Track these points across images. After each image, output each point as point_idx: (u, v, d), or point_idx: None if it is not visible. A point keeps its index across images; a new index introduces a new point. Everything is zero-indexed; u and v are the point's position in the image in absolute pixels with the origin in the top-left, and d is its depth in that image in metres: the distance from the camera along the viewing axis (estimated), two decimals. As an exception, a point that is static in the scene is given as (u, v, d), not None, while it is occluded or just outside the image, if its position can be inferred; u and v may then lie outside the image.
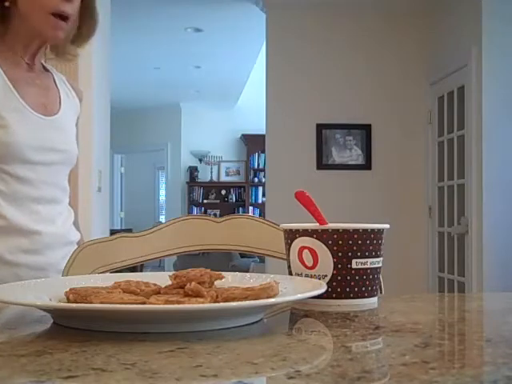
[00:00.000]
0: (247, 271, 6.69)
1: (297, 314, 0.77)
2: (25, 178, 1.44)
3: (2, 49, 1.49)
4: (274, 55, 4.87)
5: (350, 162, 4.87)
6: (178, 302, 0.65)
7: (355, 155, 4.87)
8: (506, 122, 3.91)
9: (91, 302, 0.65)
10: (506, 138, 3.91)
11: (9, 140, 1.41)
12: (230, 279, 0.81)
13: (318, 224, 0.84)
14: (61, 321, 0.67)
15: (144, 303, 0.66)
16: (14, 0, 1.45)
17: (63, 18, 1.46)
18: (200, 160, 10.61)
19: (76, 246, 1.40)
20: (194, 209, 10.44)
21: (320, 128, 4.84)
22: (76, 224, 1.62)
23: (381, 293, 1.00)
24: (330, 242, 0.81)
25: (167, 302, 0.65)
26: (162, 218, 11.68)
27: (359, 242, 0.81)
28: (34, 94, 1.51)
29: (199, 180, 10.59)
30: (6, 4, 1.46)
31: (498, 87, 3.91)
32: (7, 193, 1.41)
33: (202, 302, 0.65)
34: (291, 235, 0.84)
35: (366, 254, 0.81)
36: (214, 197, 10.61)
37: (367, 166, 4.85)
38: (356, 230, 0.81)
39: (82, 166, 2.67)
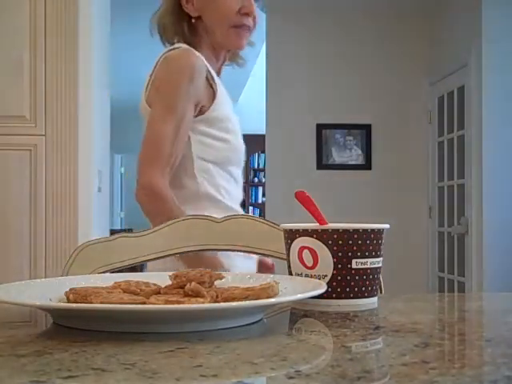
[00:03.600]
0: (247, 271, 6.68)
1: (297, 314, 0.77)
2: (238, 180, 1.61)
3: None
4: (274, 55, 4.87)
5: (349, 162, 4.87)
6: (178, 302, 0.65)
7: (355, 155, 4.87)
8: (506, 122, 3.91)
9: (91, 302, 0.65)
10: (506, 138, 3.91)
11: (238, 145, 1.58)
12: (230, 279, 0.81)
13: (318, 224, 0.84)
14: (61, 321, 0.67)
15: (144, 303, 0.66)
16: (200, 16, 1.58)
17: (245, 28, 1.59)
18: (200, 160, 10.61)
19: None
20: (194, 209, 10.43)
21: (320, 128, 4.84)
22: None
23: (381, 293, 1.00)
24: (330, 242, 0.81)
25: (167, 301, 0.65)
26: (162, 218, 11.67)
27: (359, 241, 0.81)
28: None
29: (199, 180, 10.58)
30: (193, 20, 1.60)
31: (497, 87, 3.91)
32: (233, 194, 1.56)
33: (202, 302, 0.65)
34: (291, 235, 0.84)
35: (366, 254, 0.81)
36: (214, 197, 10.60)
37: (367, 166, 4.85)
38: (356, 230, 0.81)
39: (82, 166, 2.67)
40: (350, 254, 0.81)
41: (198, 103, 1.52)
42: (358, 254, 0.81)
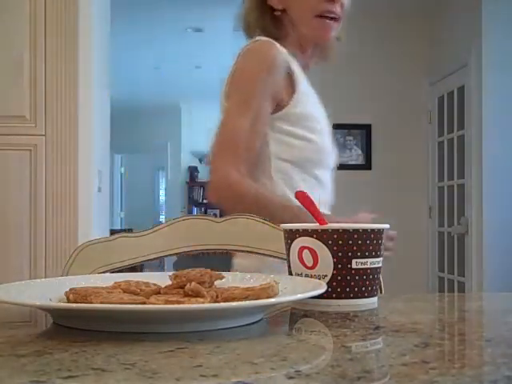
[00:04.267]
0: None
1: (297, 314, 0.77)
2: (323, 183, 1.49)
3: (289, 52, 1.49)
4: (274, 55, 4.86)
5: (350, 162, 4.87)
6: (178, 302, 0.65)
7: (355, 155, 4.87)
8: (506, 122, 3.91)
9: (91, 302, 0.65)
10: (506, 138, 3.91)
11: (322, 145, 1.47)
12: (230, 279, 0.81)
13: (318, 224, 0.84)
14: (61, 321, 0.67)
15: (144, 303, 0.66)
16: (284, 9, 1.49)
17: (332, 18, 1.49)
18: (200, 160, 10.61)
19: None
20: (194, 209, 10.44)
21: (320, 128, 4.84)
22: None
23: (381, 293, 1.00)
24: (330, 242, 0.81)
25: (167, 301, 0.65)
26: (162, 218, 11.68)
27: (359, 241, 0.81)
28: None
29: (199, 180, 10.58)
30: (277, 13, 1.51)
31: (497, 87, 3.91)
32: (314, 197, 1.44)
33: (202, 302, 0.65)
34: (291, 235, 0.84)
35: (366, 254, 0.81)
36: (214, 197, 10.60)
37: (367, 166, 4.85)
38: (356, 230, 0.81)
39: (82, 166, 2.67)
40: (350, 253, 0.81)
41: (277, 98, 1.44)
42: (358, 254, 0.81)
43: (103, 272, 1.13)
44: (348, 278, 0.81)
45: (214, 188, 1.38)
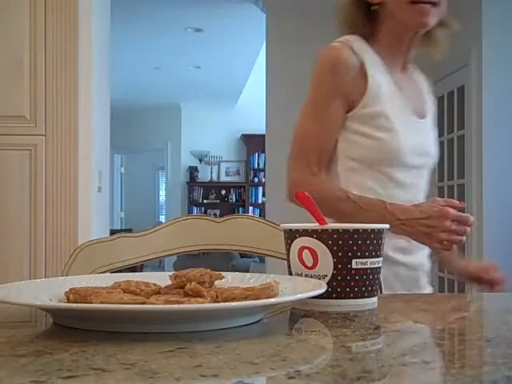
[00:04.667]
0: (247, 271, 6.69)
1: (297, 314, 0.77)
2: (401, 182, 1.46)
3: (378, 49, 1.50)
4: (273, 55, 4.87)
5: (349, 162, 4.86)
6: (178, 302, 0.65)
7: (355, 155, 4.86)
8: (506, 122, 3.91)
9: (91, 302, 0.65)
10: (506, 138, 3.91)
11: (393, 143, 1.43)
12: (230, 279, 0.81)
13: (318, 224, 0.84)
14: (61, 321, 0.67)
15: (144, 303, 0.66)
16: (381, 2, 1.47)
17: (429, 2, 1.41)
18: (200, 160, 10.61)
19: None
20: (194, 209, 10.44)
21: (320, 128, 4.84)
22: None
23: (381, 293, 1.00)
24: (330, 242, 0.81)
25: (167, 301, 0.65)
26: (162, 218, 11.68)
27: (359, 241, 0.81)
28: (410, 96, 1.52)
29: (199, 180, 10.59)
30: (374, 7, 1.49)
31: (497, 87, 3.91)
32: (384, 195, 1.42)
33: (202, 302, 0.65)
34: (291, 235, 0.84)
35: (366, 254, 0.81)
36: (214, 197, 10.61)
37: (367, 166, 4.85)
38: (356, 230, 0.81)
39: (82, 166, 2.67)
40: (350, 253, 0.81)
41: (349, 98, 1.44)
42: (358, 254, 0.81)
43: (103, 272, 1.13)
44: (348, 278, 0.81)
45: (288, 193, 1.46)
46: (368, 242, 0.81)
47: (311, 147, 1.45)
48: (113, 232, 1.71)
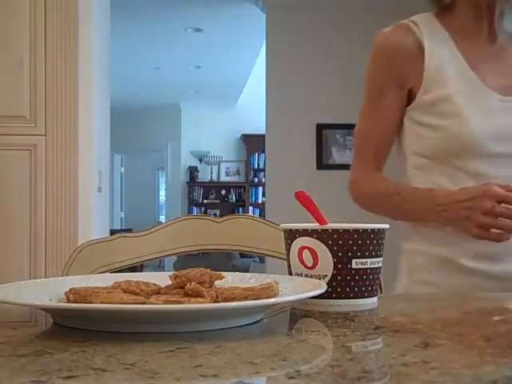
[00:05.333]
0: (247, 271, 6.70)
1: (297, 314, 0.77)
2: (481, 174, 1.22)
3: (454, 22, 1.33)
4: (273, 55, 4.87)
5: (350, 162, 4.86)
6: (178, 302, 0.65)
7: (355, 155, 4.87)
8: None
9: (91, 302, 0.65)
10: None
11: (461, 130, 1.22)
12: (230, 279, 0.81)
13: (318, 224, 0.84)
14: (61, 321, 0.67)
15: (144, 303, 0.66)
16: None
17: None
18: (200, 160, 10.62)
19: None
20: (194, 209, 10.44)
21: (320, 128, 4.84)
22: None
23: (381, 293, 1.00)
24: (330, 242, 0.81)
25: (167, 301, 0.65)
26: (162, 218, 11.69)
27: (359, 241, 0.81)
28: (494, 73, 1.29)
29: (199, 180, 10.59)
30: None
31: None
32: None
33: (202, 302, 0.65)
34: (291, 235, 0.84)
35: (366, 254, 0.81)
36: (214, 197, 10.62)
37: (367, 166, 4.85)
38: (356, 230, 0.81)
39: (82, 166, 2.67)
40: (350, 253, 0.81)
41: (405, 85, 1.30)
42: (358, 254, 0.81)
43: (103, 272, 1.13)
44: (348, 278, 0.81)
45: (350, 192, 1.42)
46: (368, 242, 0.81)
47: (367, 145, 1.38)
48: (113, 232, 1.71)
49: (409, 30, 1.34)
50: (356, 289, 0.81)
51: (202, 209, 10.48)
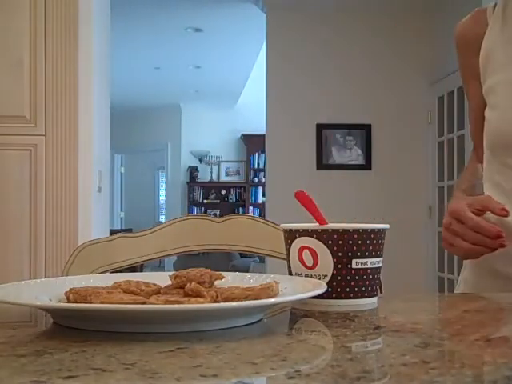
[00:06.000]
0: (247, 271, 6.70)
1: (297, 314, 0.77)
2: None
3: None
4: (274, 55, 4.87)
5: (349, 162, 4.87)
6: (178, 302, 0.65)
7: (355, 155, 4.87)
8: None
9: (91, 302, 0.65)
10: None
11: (500, 124, 1.12)
12: (230, 279, 0.81)
13: (317, 224, 0.84)
14: (61, 321, 0.67)
15: (144, 303, 0.66)
16: None
17: None
18: (200, 160, 10.62)
19: None
20: (194, 209, 10.44)
21: (320, 128, 4.84)
22: None
23: (381, 293, 1.00)
24: (330, 242, 0.81)
25: (167, 301, 0.65)
26: (162, 218, 11.69)
27: (359, 241, 0.81)
28: None
29: (199, 180, 10.59)
30: None
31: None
32: (507, 188, 1.13)
33: (202, 302, 0.65)
34: (291, 235, 0.84)
35: (366, 254, 0.81)
36: (214, 197, 10.62)
37: (367, 166, 4.85)
38: (356, 230, 0.81)
39: (82, 166, 2.67)
40: (349, 253, 0.81)
41: (480, 77, 1.20)
42: (358, 254, 0.81)
43: (103, 272, 1.13)
44: (348, 278, 0.81)
45: None
46: (368, 242, 0.81)
47: (474, 141, 1.28)
48: (113, 232, 1.71)
49: (479, 17, 1.25)
50: (356, 289, 0.81)
51: (202, 209, 10.48)
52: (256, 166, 10.43)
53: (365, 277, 0.82)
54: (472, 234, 1.00)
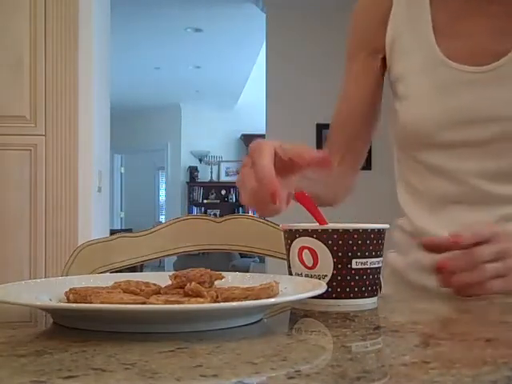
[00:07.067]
0: (247, 271, 6.70)
1: (297, 314, 0.77)
2: (442, 169, 0.98)
3: None
4: (273, 55, 4.87)
5: (349, 162, 4.87)
6: (178, 302, 0.65)
7: (355, 155, 4.87)
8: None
9: (91, 302, 0.65)
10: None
11: (408, 116, 1.00)
12: (230, 279, 0.81)
13: (318, 224, 0.84)
14: (61, 321, 0.67)
15: (144, 303, 0.66)
16: None
17: None
18: (200, 160, 10.62)
19: None
20: (194, 209, 10.44)
21: (320, 128, 4.84)
22: None
23: (381, 293, 1.00)
24: (329, 242, 0.81)
25: (167, 301, 0.65)
26: (162, 218, 11.69)
27: (359, 242, 0.81)
28: (479, 32, 0.95)
29: (199, 180, 10.59)
30: None
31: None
32: (422, 191, 1.02)
33: (202, 302, 0.65)
34: (291, 235, 0.84)
35: (366, 254, 0.81)
36: (214, 197, 10.62)
37: (367, 166, 4.85)
38: (356, 230, 0.81)
39: (82, 166, 2.67)
40: (349, 254, 0.81)
41: (377, 53, 1.05)
42: (358, 254, 0.81)
43: (103, 272, 1.13)
44: (348, 278, 0.81)
45: None
46: (368, 242, 0.81)
47: (332, 133, 1.13)
48: (113, 232, 1.71)
49: None
50: (356, 289, 0.81)
51: (202, 209, 10.48)
52: (256, 166, 10.42)
53: (365, 277, 0.82)
54: (252, 182, 0.76)
